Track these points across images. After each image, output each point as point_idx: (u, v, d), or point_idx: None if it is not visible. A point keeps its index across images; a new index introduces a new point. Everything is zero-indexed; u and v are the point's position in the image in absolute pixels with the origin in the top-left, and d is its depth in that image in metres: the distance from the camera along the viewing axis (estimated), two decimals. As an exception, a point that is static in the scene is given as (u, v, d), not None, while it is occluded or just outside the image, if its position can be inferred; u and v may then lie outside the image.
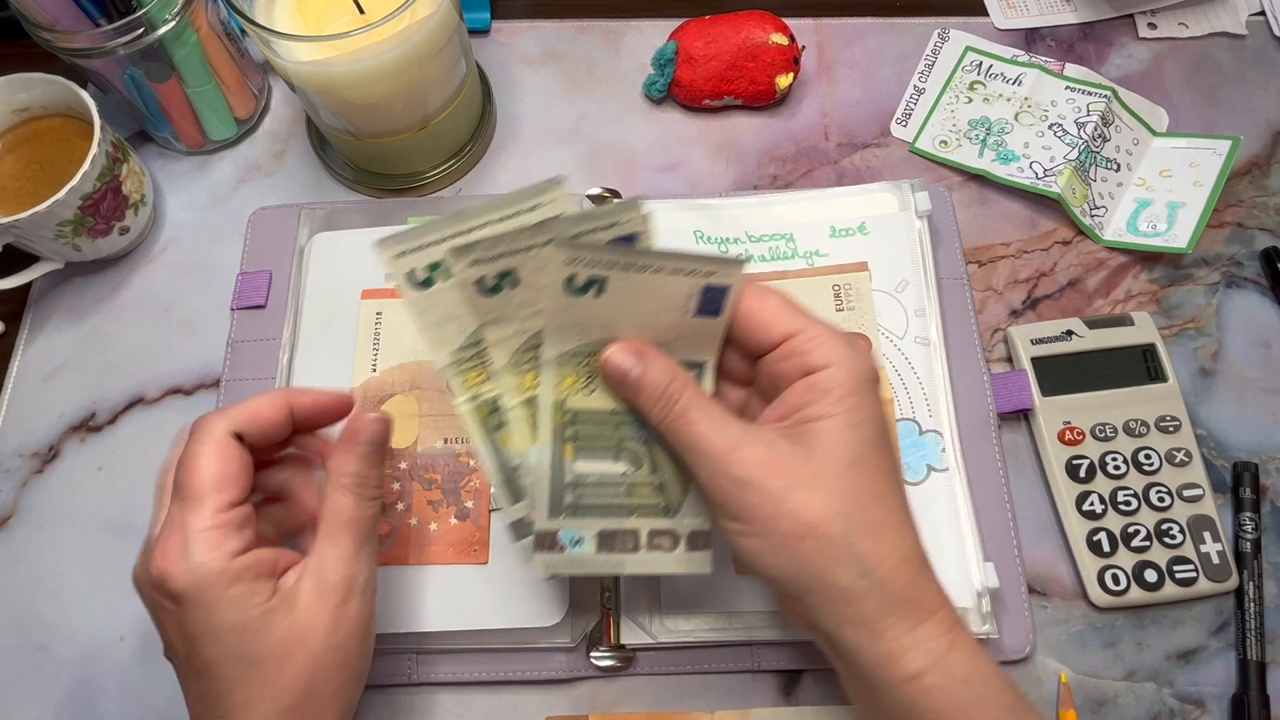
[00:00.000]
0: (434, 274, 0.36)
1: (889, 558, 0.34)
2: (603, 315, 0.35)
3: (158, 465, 0.51)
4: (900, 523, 0.35)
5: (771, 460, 0.34)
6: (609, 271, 0.34)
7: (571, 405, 0.37)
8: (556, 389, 0.36)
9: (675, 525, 0.37)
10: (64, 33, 0.49)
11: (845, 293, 0.51)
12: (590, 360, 0.36)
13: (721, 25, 0.58)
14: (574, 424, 0.37)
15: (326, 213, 0.55)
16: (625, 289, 0.35)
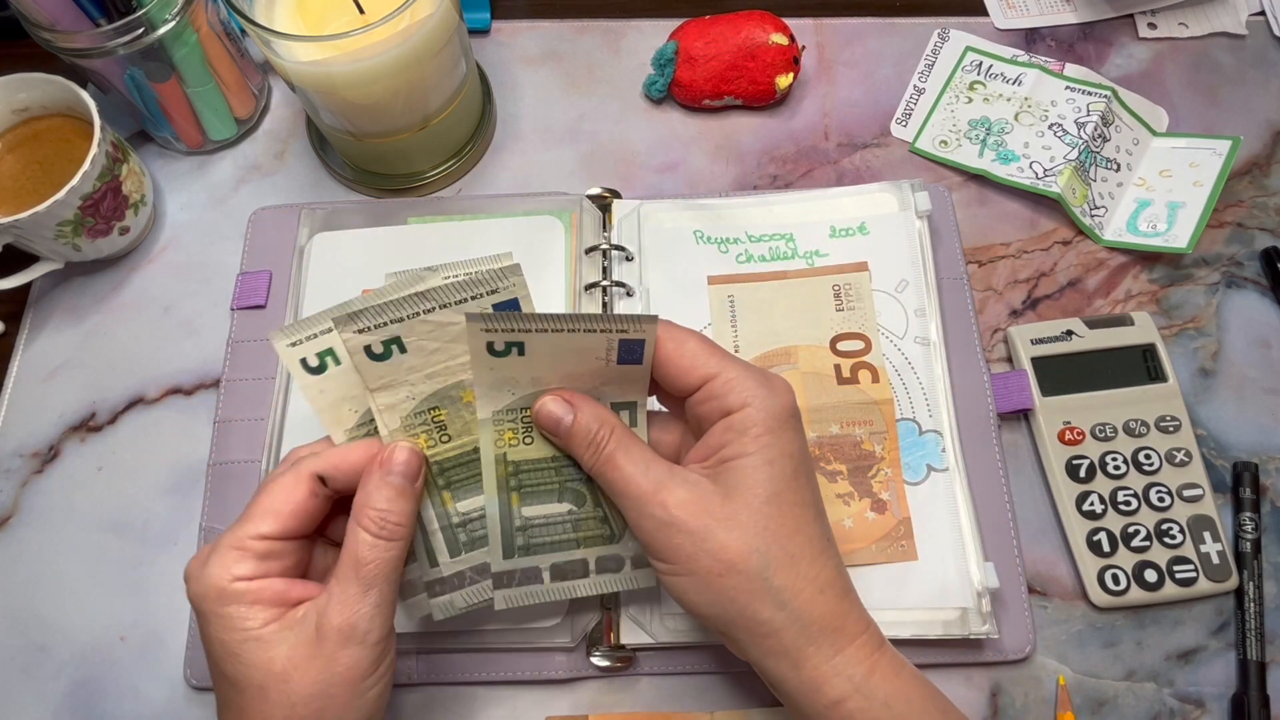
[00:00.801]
0: (325, 359, 0.38)
1: (806, 589, 0.35)
2: (528, 371, 0.37)
3: (158, 465, 0.51)
4: (819, 554, 0.36)
5: (692, 501, 0.35)
6: (525, 336, 0.36)
7: (512, 458, 0.39)
8: (496, 445, 0.39)
9: (620, 550, 0.41)
10: (64, 33, 0.49)
11: (845, 293, 0.51)
12: (524, 414, 0.38)
13: (721, 25, 0.58)
14: (516, 474, 0.39)
15: (326, 212, 0.55)
16: (544, 348, 0.36)
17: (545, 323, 0.35)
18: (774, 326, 0.51)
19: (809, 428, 0.48)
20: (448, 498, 0.40)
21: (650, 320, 0.36)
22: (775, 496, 0.35)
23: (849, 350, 0.50)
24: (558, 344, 0.36)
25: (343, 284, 0.53)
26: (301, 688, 0.34)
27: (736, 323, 0.51)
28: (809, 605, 0.35)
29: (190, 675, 0.46)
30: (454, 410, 0.39)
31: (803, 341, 0.50)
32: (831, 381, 0.49)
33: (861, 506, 0.47)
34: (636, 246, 0.54)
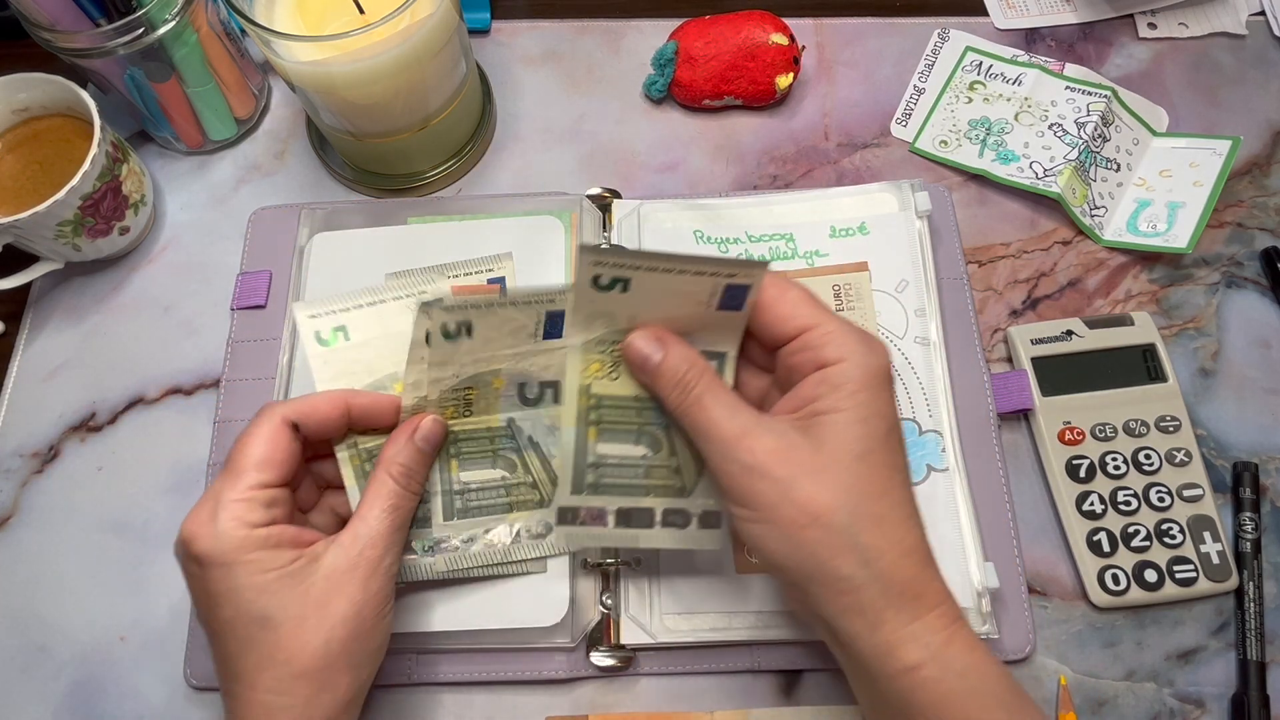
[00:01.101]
0: (336, 335, 0.42)
1: (891, 550, 0.34)
2: (628, 308, 0.38)
3: (158, 465, 0.51)
4: (905, 518, 0.35)
5: (780, 449, 0.35)
6: (632, 273, 0.36)
7: (596, 390, 0.39)
8: (582, 374, 0.39)
9: (689, 505, 0.40)
10: (64, 33, 0.49)
11: (845, 293, 0.51)
12: (614, 348, 0.39)
13: (721, 25, 0.58)
14: (598, 408, 0.39)
15: (326, 212, 0.55)
16: (649, 286, 0.37)
17: (656, 261, 0.36)
18: None
19: None
20: (454, 466, 0.43)
21: (760, 266, 0.36)
22: (867, 455, 0.35)
23: None
24: (664, 284, 0.37)
25: (343, 284, 0.53)
26: (339, 610, 0.36)
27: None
28: (892, 567, 0.34)
29: (190, 675, 0.46)
30: (483, 390, 0.42)
31: None
32: None
33: None
34: (636, 246, 0.54)
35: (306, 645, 0.36)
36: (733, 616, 0.45)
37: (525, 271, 0.53)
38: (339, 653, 0.37)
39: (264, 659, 0.36)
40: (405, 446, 0.40)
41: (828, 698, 0.46)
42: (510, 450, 0.44)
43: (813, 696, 0.46)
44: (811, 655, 0.45)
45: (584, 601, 0.46)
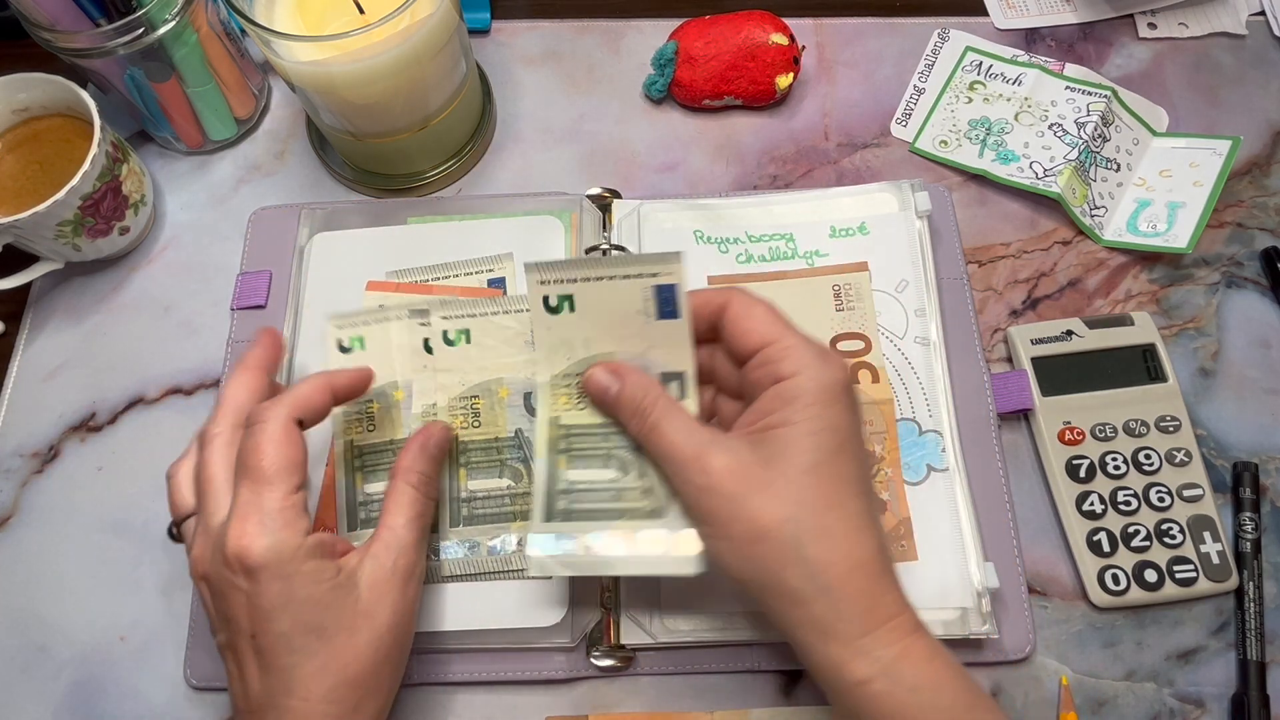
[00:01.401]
0: (354, 344, 0.46)
1: (840, 563, 0.35)
2: (581, 331, 0.40)
3: (158, 465, 0.51)
4: (857, 530, 0.35)
5: (732, 466, 0.36)
6: (573, 287, 0.39)
7: (565, 421, 0.41)
8: (551, 408, 0.41)
9: (664, 525, 0.39)
10: (64, 33, 0.49)
11: (845, 293, 0.51)
12: (578, 379, 0.41)
13: (721, 25, 0.58)
14: (567, 437, 0.41)
15: (327, 213, 0.55)
16: (591, 300, 0.39)
17: (589, 270, 0.39)
18: None
19: None
20: (463, 475, 0.45)
21: (675, 257, 0.38)
22: (815, 468, 0.35)
23: (849, 350, 0.50)
24: (602, 296, 0.39)
25: (343, 284, 0.53)
26: (384, 618, 0.38)
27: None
28: (841, 581, 0.35)
29: (190, 675, 0.46)
30: (489, 400, 0.45)
31: None
32: None
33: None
34: (636, 246, 0.54)
35: (360, 654, 0.37)
36: (733, 616, 0.45)
37: (525, 271, 0.53)
38: (384, 659, 0.38)
39: (319, 670, 0.36)
40: (420, 454, 0.41)
41: (828, 698, 0.46)
42: (517, 460, 0.45)
43: (813, 696, 0.46)
44: (811, 655, 0.45)
45: (584, 601, 0.46)
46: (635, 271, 0.39)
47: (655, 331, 0.39)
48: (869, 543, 0.36)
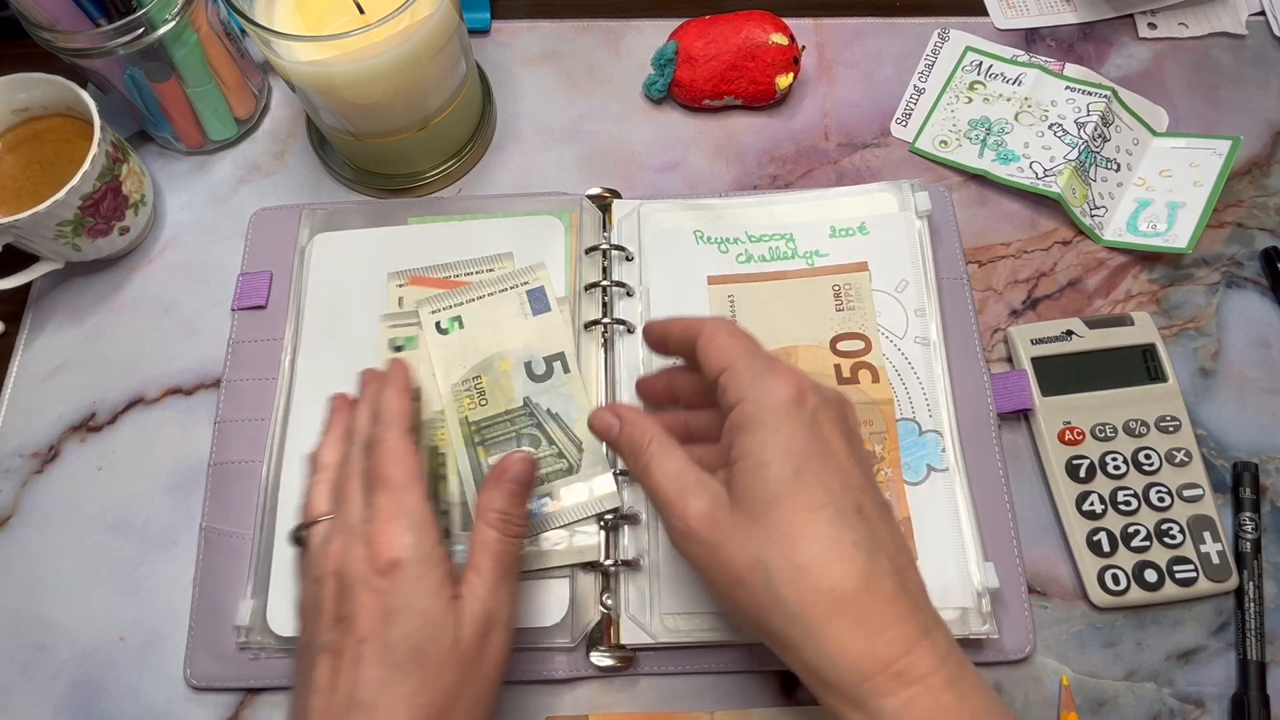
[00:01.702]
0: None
1: (818, 602, 0.32)
2: (471, 342, 0.47)
3: (158, 465, 0.51)
4: (833, 563, 0.33)
5: (707, 512, 0.35)
6: (459, 309, 0.48)
7: (473, 419, 0.47)
8: (458, 411, 0.47)
9: (580, 478, 0.47)
10: (64, 33, 0.49)
11: (845, 293, 0.51)
12: (476, 381, 0.47)
13: (721, 25, 0.58)
14: (479, 431, 0.47)
15: (327, 213, 0.55)
16: (476, 315, 0.48)
17: (472, 292, 0.48)
18: (774, 327, 0.51)
19: None
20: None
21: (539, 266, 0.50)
22: (775, 503, 0.33)
23: (849, 350, 0.50)
24: (484, 311, 0.48)
25: (344, 284, 0.53)
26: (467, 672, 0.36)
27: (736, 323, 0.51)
28: (822, 623, 0.32)
29: (190, 675, 0.46)
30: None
31: (803, 341, 0.50)
32: (832, 381, 0.49)
33: None
34: (636, 246, 0.54)
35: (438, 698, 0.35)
36: (733, 616, 0.45)
37: (525, 271, 0.53)
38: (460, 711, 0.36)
39: (405, 698, 0.34)
40: (496, 493, 0.40)
41: (828, 698, 0.46)
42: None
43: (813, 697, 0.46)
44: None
45: (584, 601, 0.46)
46: (510, 284, 0.48)
47: (533, 327, 0.48)
48: (851, 574, 0.33)
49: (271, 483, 0.49)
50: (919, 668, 0.32)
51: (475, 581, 0.38)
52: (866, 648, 0.32)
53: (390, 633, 0.35)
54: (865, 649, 0.32)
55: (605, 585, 0.47)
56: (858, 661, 0.32)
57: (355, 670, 0.35)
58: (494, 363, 0.47)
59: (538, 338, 0.48)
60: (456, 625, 0.36)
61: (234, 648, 0.46)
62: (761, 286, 0.52)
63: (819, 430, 0.35)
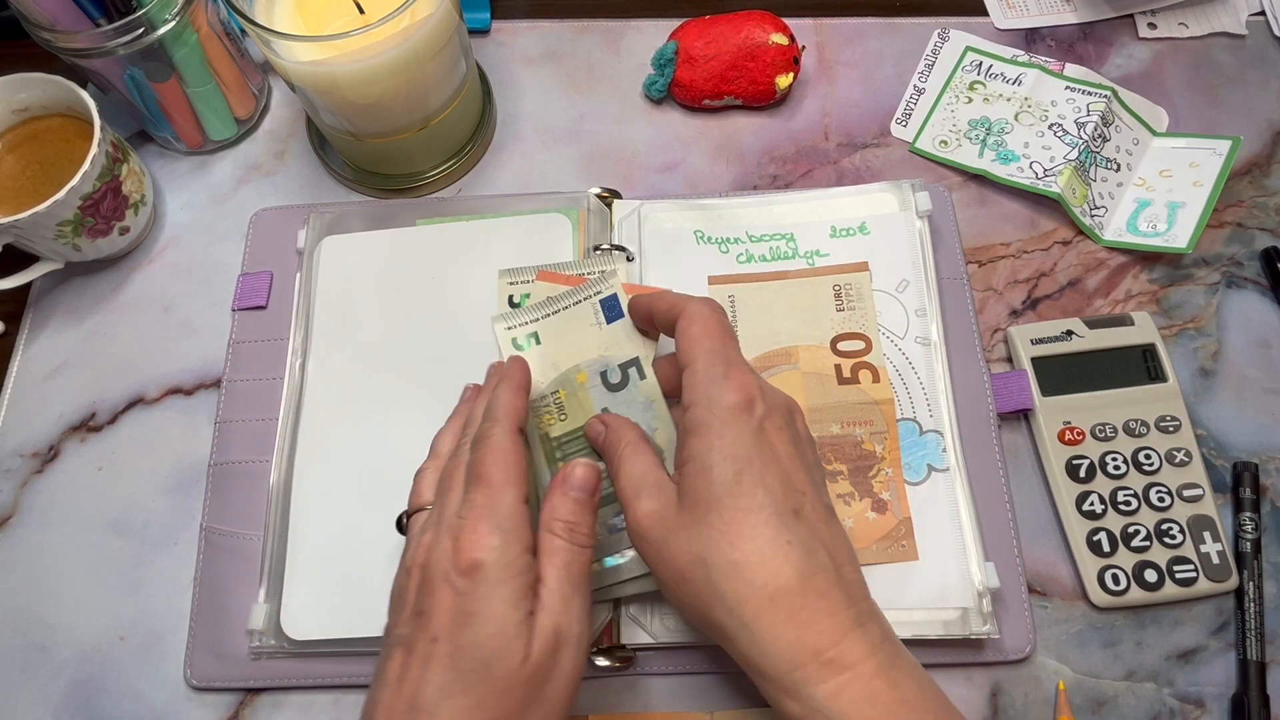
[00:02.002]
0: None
1: (752, 598, 0.34)
2: (549, 357, 0.46)
3: (158, 465, 0.51)
4: (768, 560, 0.34)
5: (655, 511, 0.37)
6: (535, 326, 0.46)
7: (554, 434, 0.45)
8: (539, 428, 0.45)
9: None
10: (64, 33, 0.49)
11: (846, 293, 0.51)
12: (555, 396, 0.46)
13: (721, 25, 0.58)
14: (559, 447, 0.45)
15: (333, 216, 0.55)
16: (552, 330, 0.46)
17: (547, 308, 0.46)
18: (774, 327, 0.51)
19: (811, 427, 0.48)
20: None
21: (612, 274, 0.47)
22: (716, 504, 0.35)
23: (849, 350, 0.50)
24: (562, 324, 0.46)
25: (354, 287, 0.53)
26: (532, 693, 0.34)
27: (737, 323, 0.51)
28: (756, 615, 0.34)
29: (190, 675, 0.46)
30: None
31: (803, 342, 0.50)
32: (832, 381, 0.49)
33: (862, 506, 0.47)
34: (637, 247, 0.54)
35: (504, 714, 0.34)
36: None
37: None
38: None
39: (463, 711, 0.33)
40: (561, 501, 0.38)
41: (828, 698, 0.46)
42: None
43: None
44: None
45: (584, 601, 0.46)
46: (583, 295, 0.46)
47: (607, 335, 0.46)
48: (785, 570, 0.34)
49: (283, 486, 0.49)
50: (849, 656, 0.34)
51: (542, 594, 0.36)
52: (797, 638, 0.34)
53: (461, 636, 0.34)
54: (795, 639, 0.34)
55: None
56: (789, 651, 0.34)
57: (423, 670, 0.34)
58: (571, 376, 0.46)
59: (612, 345, 0.46)
60: (528, 642, 0.34)
61: (234, 648, 0.46)
62: (762, 286, 0.52)
63: (763, 435, 0.37)
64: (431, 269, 0.53)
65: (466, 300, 0.52)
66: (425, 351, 0.51)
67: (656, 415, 0.44)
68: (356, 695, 0.46)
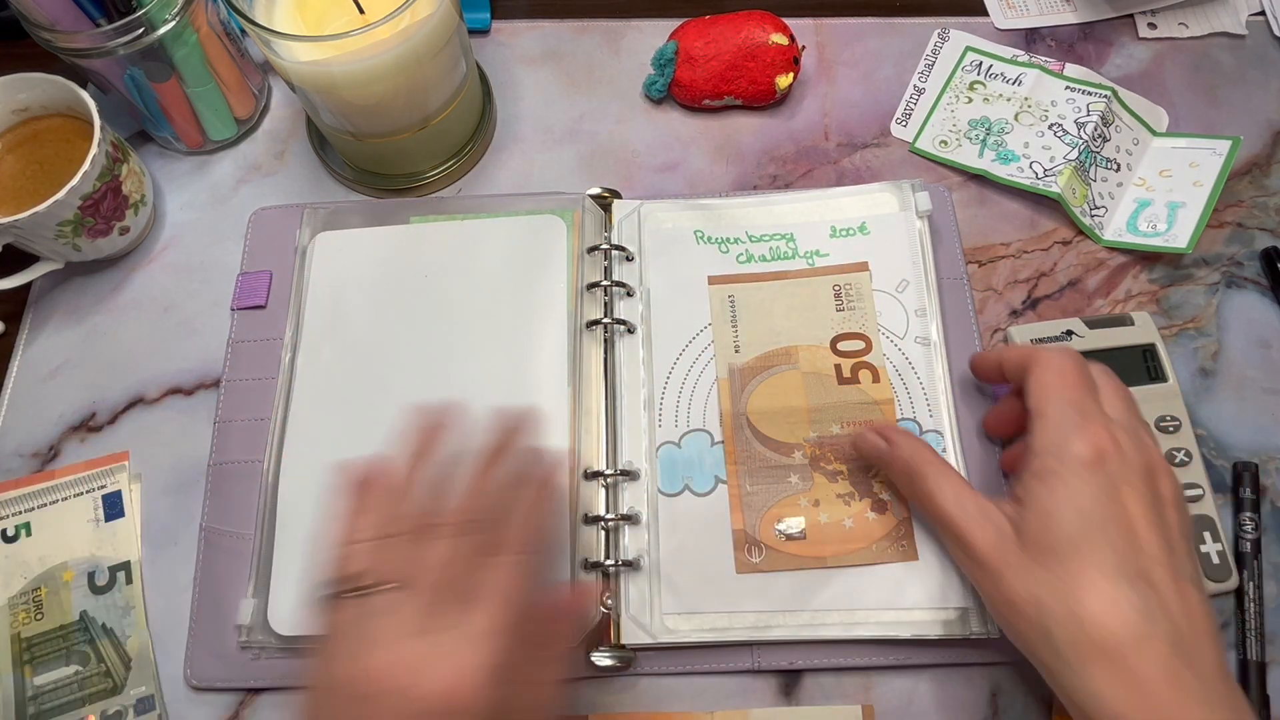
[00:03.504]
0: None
1: (1084, 651, 0.35)
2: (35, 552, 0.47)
3: (158, 465, 0.51)
4: (1106, 617, 0.35)
5: (993, 544, 0.38)
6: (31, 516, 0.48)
7: (26, 634, 0.46)
8: (10, 627, 0.45)
9: (123, 700, 0.46)
10: (64, 33, 0.49)
11: (846, 292, 0.51)
12: (34, 594, 0.46)
13: (721, 25, 0.58)
14: (29, 648, 0.45)
15: (329, 212, 0.55)
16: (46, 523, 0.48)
17: (45, 496, 0.49)
18: (774, 326, 0.51)
19: (809, 428, 0.48)
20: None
21: (120, 469, 0.49)
22: (1057, 552, 0.36)
23: (849, 350, 0.50)
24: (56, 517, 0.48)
25: (346, 283, 0.53)
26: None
27: (737, 323, 0.51)
28: (1086, 664, 0.35)
29: (190, 675, 0.46)
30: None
31: (803, 341, 0.50)
32: (832, 381, 0.49)
33: (862, 506, 0.47)
34: (637, 246, 0.54)
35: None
36: (733, 616, 0.45)
37: (528, 269, 0.53)
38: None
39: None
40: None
41: (828, 697, 0.46)
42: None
43: (813, 696, 0.46)
44: (811, 655, 0.45)
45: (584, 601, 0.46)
46: (86, 489, 0.48)
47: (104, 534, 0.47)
48: (1121, 632, 0.35)
49: (271, 483, 0.49)
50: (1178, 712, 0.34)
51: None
52: (1127, 697, 0.34)
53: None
54: (1126, 697, 0.34)
55: (605, 585, 0.47)
56: (1119, 706, 0.34)
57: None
58: (56, 573, 0.47)
59: (107, 546, 0.48)
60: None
61: (234, 648, 0.46)
62: (761, 286, 0.52)
63: (1115, 494, 0.37)
64: (424, 267, 0.53)
65: (457, 298, 0.52)
66: (414, 348, 0.51)
67: (133, 622, 0.47)
68: (356, 695, 0.46)
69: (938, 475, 0.41)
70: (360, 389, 0.51)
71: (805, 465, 0.48)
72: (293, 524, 0.48)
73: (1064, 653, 0.35)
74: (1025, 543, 0.37)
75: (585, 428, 0.49)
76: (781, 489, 0.47)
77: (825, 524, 0.46)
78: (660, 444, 0.49)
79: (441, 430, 0.40)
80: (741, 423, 0.49)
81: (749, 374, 0.50)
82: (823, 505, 0.47)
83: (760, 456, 0.48)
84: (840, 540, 0.46)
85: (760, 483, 0.48)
